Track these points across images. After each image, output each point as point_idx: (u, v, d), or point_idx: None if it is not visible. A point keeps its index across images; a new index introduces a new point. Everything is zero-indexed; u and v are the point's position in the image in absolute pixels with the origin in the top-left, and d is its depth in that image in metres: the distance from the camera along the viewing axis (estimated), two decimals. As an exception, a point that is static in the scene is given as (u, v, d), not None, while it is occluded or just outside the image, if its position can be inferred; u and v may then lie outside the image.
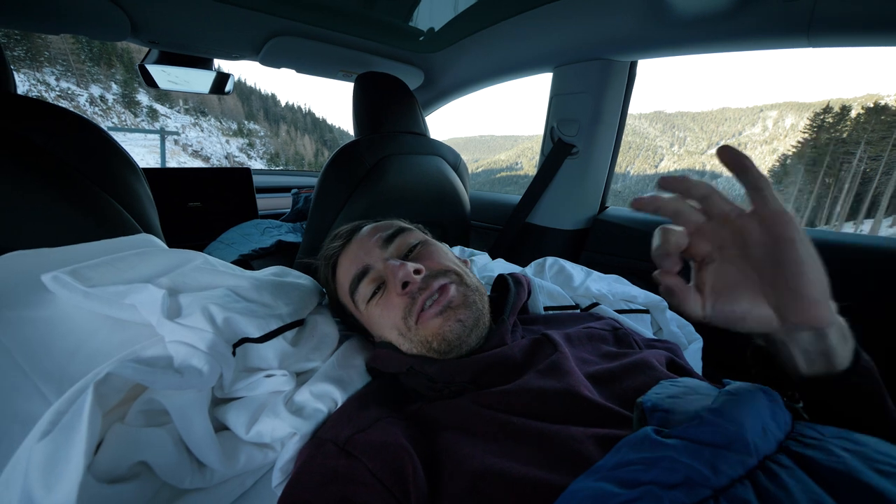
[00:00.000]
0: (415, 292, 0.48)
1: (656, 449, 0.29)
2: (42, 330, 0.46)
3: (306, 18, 1.16)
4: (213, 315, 0.43)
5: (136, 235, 0.64)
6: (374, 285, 0.52)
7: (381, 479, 0.35)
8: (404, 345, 0.50)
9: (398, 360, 0.49)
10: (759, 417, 0.30)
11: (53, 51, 40.49)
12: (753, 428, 0.29)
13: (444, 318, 0.47)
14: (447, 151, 1.22)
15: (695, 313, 0.34)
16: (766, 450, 0.29)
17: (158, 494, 0.39)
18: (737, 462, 0.27)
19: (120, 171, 0.70)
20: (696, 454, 0.28)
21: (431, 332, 0.47)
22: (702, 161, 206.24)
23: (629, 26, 0.97)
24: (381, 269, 0.52)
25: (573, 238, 1.31)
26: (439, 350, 0.48)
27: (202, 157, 52.80)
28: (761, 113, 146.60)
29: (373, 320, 0.52)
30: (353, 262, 0.54)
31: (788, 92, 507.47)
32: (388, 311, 0.50)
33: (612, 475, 0.28)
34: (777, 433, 0.30)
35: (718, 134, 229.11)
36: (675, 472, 0.27)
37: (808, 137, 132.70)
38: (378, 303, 0.51)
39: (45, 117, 0.62)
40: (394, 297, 0.49)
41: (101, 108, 41.55)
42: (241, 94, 76.08)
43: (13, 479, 0.33)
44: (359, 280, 0.53)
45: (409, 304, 0.48)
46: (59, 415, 0.34)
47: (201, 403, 0.40)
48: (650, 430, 0.31)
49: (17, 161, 0.57)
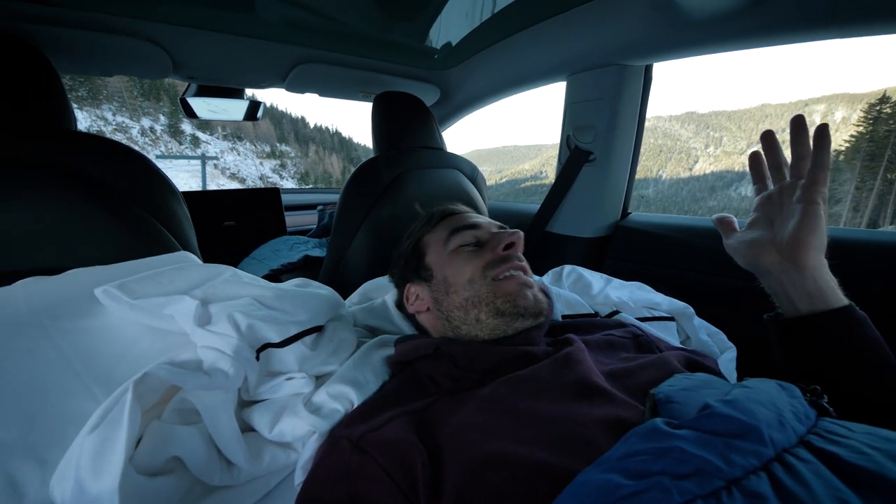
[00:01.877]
0: (511, 256, 0.55)
1: (666, 439, 0.28)
2: (94, 338, 0.51)
3: (327, 46, 1.23)
4: (237, 322, 0.47)
5: (176, 253, 0.70)
6: (473, 240, 0.58)
7: (391, 474, 0.36)
8: (463, 293, 0.55)
9: (425, 343, 0.52)
10: (774, 408, 0.30)
11: (110, 89, 44.40)
12: (768, 419, 0.28)
13: (520, 287, 0.53)
14: (464, 164, 1.24)
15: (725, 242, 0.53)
16: (784, 443, 0.28)
17: (192, 490, 0.43)
18: (751, 453, 0.27)
19: (162, 196, 0.77)
20: (707, 445, 0.27)
21: (505, 290, 0.52)
22: (741, 161, 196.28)
23: (642, 30, 0.97)
24: (487, 235, 0.58)
25: (595, 245, 1.29)
26: (498, 308, 0.52)
27: (238, 178, 55.68)
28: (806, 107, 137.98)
29: (452, 262, 0.57)
30: (468, 220, 0.61)
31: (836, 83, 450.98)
32: (473, 258, 0.56)
33: (619, 465, 0.28)
34: (797, 426, 0.29)
35: (758, 132, 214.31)
36: (686, 462, 0.26)
37: (864, 131, 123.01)
38: (468, 253, 0.57)
39: (100, 150, 0.70)
40: (487, 252, 0.55)
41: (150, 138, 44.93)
42: (273, 118, 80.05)
43: (68, 469, 0.37)
44: (465, 229, 0.59)
45: (497, 261, 0.54)
46: (106, 411, 0.38)
47: (228, 404, 0.43)
48: (660, 421, 0.30)
49: (77, 190, 0.64)
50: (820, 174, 0.44)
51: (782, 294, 0.47)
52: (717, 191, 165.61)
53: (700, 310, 0.81)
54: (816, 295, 0.44)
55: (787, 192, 0.48)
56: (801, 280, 0.45)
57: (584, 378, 0.43)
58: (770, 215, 0.49)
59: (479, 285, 0.53)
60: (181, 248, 0.78)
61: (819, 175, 0.44)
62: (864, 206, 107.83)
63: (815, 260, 0.44)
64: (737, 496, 0.24)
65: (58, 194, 0.63)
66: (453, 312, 0.55)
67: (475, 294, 0.53)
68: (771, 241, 0.47)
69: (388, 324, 0.70)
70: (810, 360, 0.45)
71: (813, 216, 0.43)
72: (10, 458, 0.39)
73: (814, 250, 0.44)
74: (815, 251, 0.44)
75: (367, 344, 0.60)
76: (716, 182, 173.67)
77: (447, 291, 0.56)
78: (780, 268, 0.46)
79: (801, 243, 0.44)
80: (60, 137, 0.67)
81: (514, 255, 0.56)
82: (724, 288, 1.00)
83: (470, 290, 0.54)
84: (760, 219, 0.50)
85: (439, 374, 0.50)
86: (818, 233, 0.44)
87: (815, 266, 0.44)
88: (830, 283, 0.45)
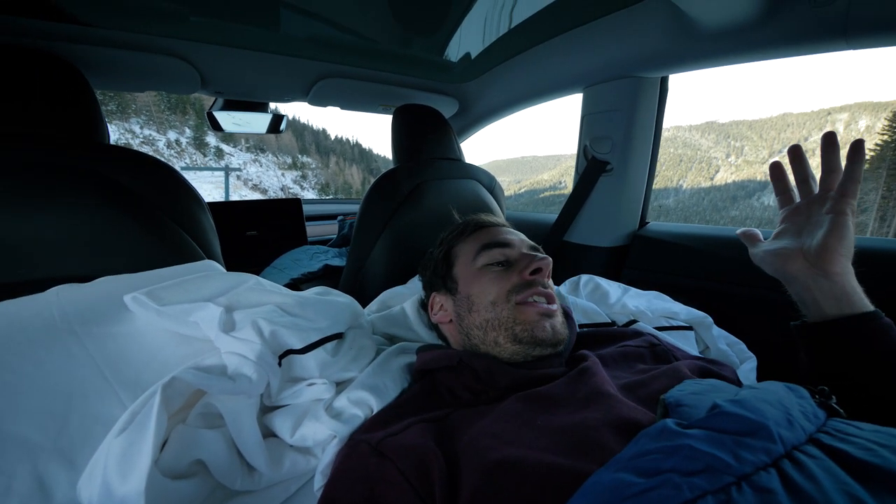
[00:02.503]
0: (537, 282, 0.54)
1: (676, 438, 0.28)
2: (122, 343, 0.53)
3: (349, 61, 1.26)
4: (261, 328, 0.48)
5: (201, 261, 0.72)
6: (500, 258, 0.58)
7: (409, 478, 0.37)
8: (484, 314, 0.54)
9: (449, 354, 0.52)
10: (781, 408, 0.30)
11: (139, 104, 46.54)
12: (776, 417, 0.29)
13: (542, 317, 0.52)
14: (482, 174, 1.25)
15: (751, 252, 0.54)
16: (793, 441, 0.28)
17: (213, 494, 0.43)
18: (760, 449, 0.27)
19: (189, 206, 0.79)
20: (717, 442, 0.27)
21: (525, 318, 0.52)
22: (763, 170, 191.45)
23: (658, 43, 0.97)
24: (517, 255, 0.58)
25: (612, 255, 1.28)
26: (515, 335, 0.52)
27: (261, 189, 57.18)
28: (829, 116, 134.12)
29: (478, 281, 0.57)
30: (500, 234, 0.61)
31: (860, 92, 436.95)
32: (499, 280, 0.55)
33: (630, 465, 0.28)
34: (806, 425, 0.30)
35: (780, 141, 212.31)
36: (696, 459, 0.26)
37: (889, 139, 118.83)
38: (496, 272, 0.56)
39: (130, 161, 0.73)
40: (514, 275, 0.55)
41: (176, 151, 46.72)
42: (295, 130, 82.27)
43: (95, 471, 0.38)
44: (496, 246, 0.59)
45: (523, 286, 0.54)
46: (133, 415, 0.39)
47: (251, 409, 0.44)
48: (670, 421, 0.31)
49: (108, 200, 0.67)
50: (851, 186, 0.46)
51: (809, 300, 0.48)
52: (739, 200, 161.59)
53: (719, 319, 0.80)
54: (844, 299, 0.45)
55: (815, 203, 0.49)
56: (828, 285, 0.46)
57: (597, 389, 0.43)
58: (798, 225, 0.51)
59: (502, 308, 0.53)
60: (206, 257, 0.80)
61: (851, 187, 0.46)
62: (890, 216, 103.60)
63: (843, 266, 0.45)
64: (746, 491, 0.25)
65: (90, 204, 0.66)
66: (473, 331, 0.55)
67: (496, 316, 0.53)
68: (799, 249, 0.48)
69: (406, 331, 0.71)
70: (839, 364, 0.45)
71: (842, 226, 0.45)
72: (40, 459, 0.41)
73: (842, 257, 0.45)
74: (843, 258, 0.45)
75: (387, 351, 0.60)
76: (737, 192, 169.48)
77: (469, 309, 0.56)
78: (808, 273, 0.47)
79: (830, 250, 0.45)
80: (94, 149, 0.70)
81: (540, 281, 0.55)
82: (743, 297, 0.97)
83: (492, 312, 0.54)
84: (788, 229, 0.52)
85: (459, 387, 0.50)
86: (846, 241, 0.45)
87: (843, 272, 0.45)
88: (857, 288, 0.46)
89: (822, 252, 0.45)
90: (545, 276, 0.56)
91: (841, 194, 0.46)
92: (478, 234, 0.63)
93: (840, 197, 0.46)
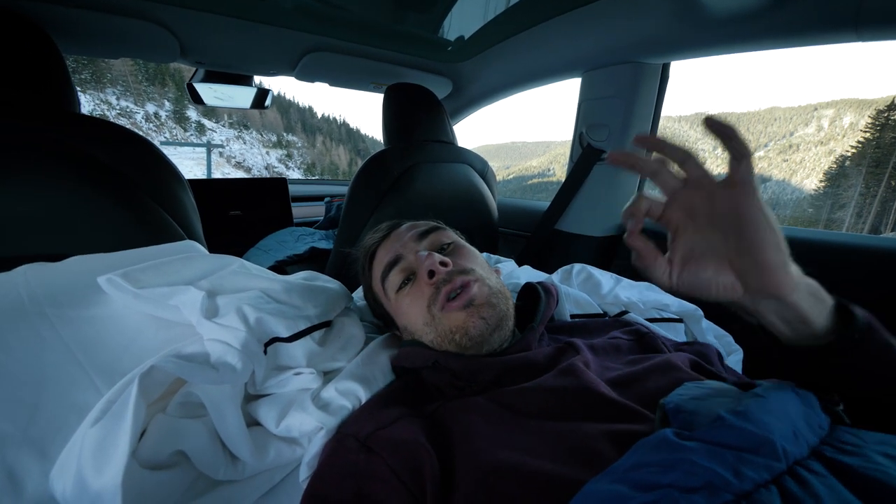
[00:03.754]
0: (439, 282, 0.50)
1: (675, 451, 0.28)
2: (98, 328, 0.50)
3: (339, 34, 1.21)
4: (246, 315, 0.46)
5: (181, 242, 0.68)
6: (403, 275, 0.54)
7: (399, 475, 0.36)
8: (429, 334, 0.51)
9: (424, 354, 0.50)
10: (788, 420, 0.29)
11: (115, 73, 44.31)
12: (782, 431, 0.28)
13: (468, 314, 0.48)
14: (474, 159, 1.23)
15: (662, 281, 0.37)
16: (796, 455, 0.27)
17: (195, 484, 0.42)
18: (762, 466, 0.26)
19: (168, 183, 0.75)
20: (717, 457, 0.26)
21: (455, 324, 0.49)
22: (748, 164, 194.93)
23: (661, 28, 0.95)
24: (412, 261, 0.54)
25: (604, 245, 1.28)
26: (461, 344, 0.49)
27: (244, 167, 55.73)
28: (815, 112, 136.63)
29: (401, 310, 0.55)
30: (388, 252, 0.57)
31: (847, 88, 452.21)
32: (415, 300, 0.52)
33: (627, 477, 0.27)
34: (810, 437, 0.29)
35: (767, 135, 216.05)
36: (695, 475, 0.26)
37: (871, 137, 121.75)
38: (408, 293, 0.53)
39: (106, 135, 0.68)
40: (422, 286, 0.51)
41: (155, 124, 44.93)
42: (281, 107, 79.89)
43: (69, 462, 0.36)
44: (390, 268, 0.56)
45: (434, 294, 0.50)
46: (109, 403, 0.37)
47: (235, 398, 0.42)
48: (669, 431, 0.30)
49: (81, 174, 0.63)
50: (741, 148, 0.32)
51: (777, 322, 0.36)
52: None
53: (708, 312, 0.80)
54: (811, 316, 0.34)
55: (702, 188, 0.35)
56: (782, 308, 0.34)
57: (590, 388, 0.42)
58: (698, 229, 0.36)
59: (433, 325, 0.50)
60: (186, 237, 0.76)
61: (742, 149, 0.32)
62: (866, 212, 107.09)
63: (789, 280, 0.32)
64: None
65: (61, 178, 0.61)
66: (435, 340, 0.52)
67: (436, 332, 0.50)
68: (728, 269, 0.34)
69: (395, 319, 0.69)
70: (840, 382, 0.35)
71: (752, 220, 0.32)
72: (10, 449, 0.38)
73: (781, 269, 0.32)
74: (783, 268, 0.32)
75: (376, 341, 0.58)
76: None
77: (413, 334, 0.54)
78: (757, 299, 0.34)
79: (764, 268, 0.32)
80: (65, 120, 0.66)
81: (443, 280, 0.50)
82: None
83: (431, 331, 0.51)
84: (688, 240, 0.36)
85: (442, 384, 0.49)
86: (773, 240, 0.32)
87: (793, 287, 0.33)
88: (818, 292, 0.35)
89: (761, 277, 0.32)
90: (443, 273, 0.50)
91: (739, 155, 0.32)
92: (373, 263, 0.61)
93: (738, 184, 0.32)
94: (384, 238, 0.61)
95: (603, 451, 0.34)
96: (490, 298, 0.50)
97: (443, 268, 0.50)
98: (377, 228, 0.65)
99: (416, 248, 0.56)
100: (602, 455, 0.34)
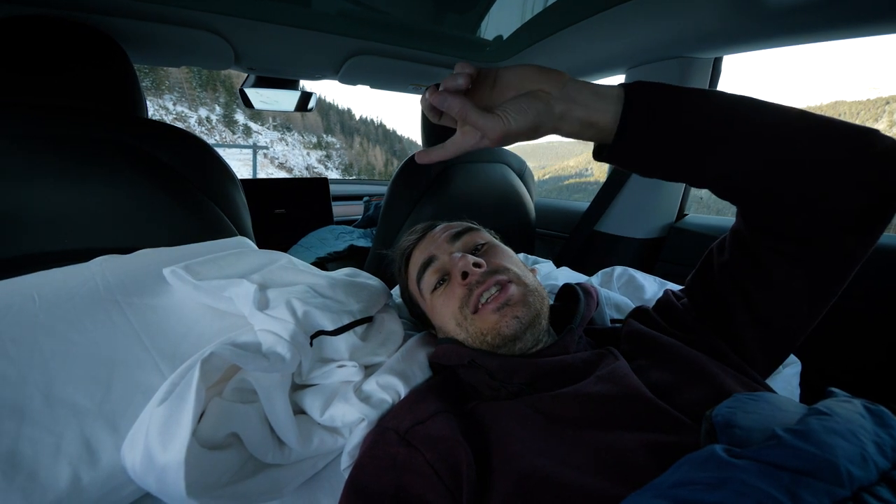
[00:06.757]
0: (472, 284, 0.50)
1: (724, 469, 0.26)
2: (161, 315, 0.54)
3: (381, 38, 1.24)
4: (294, 308, 0.48)
5: (234, 237, 0.73)
6: (437, 276, 0.55)
7: (438, 470, 0.36)
8: (461, 334, 0.52)
9: (460, 352, 0.51)
10: (856, 441, 0.26)
11: (172, 80, 47.64)
12: (849, 453, 0.25)
13: (501, 315, 0.48)
14: (512, 159, 1.22)
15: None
16: (863, 480, 0.25)
17: (245, 465, 0.44)
18: (823, 492, 0.24)
19: (222, 182, 0.80)
20: (772, 478, 0.24)
21: (488, 325, 0.49)
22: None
23: (714, 20, 0.90)
24: (446, 261, 0.55)
25: (646, 247, 1.23)
26: (493, 344, 0.49)
27: (286, 168, 58.14)
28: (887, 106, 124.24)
29: (435, 310, 0.55)
30: (423, 253, 0.59)
31: None
32: (448, 301, 0.53)
33: (670, 493, 0.26)
34: (880, 460, 0.26)
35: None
36: (745, 496, 0.24)
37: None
38: (441, 293, 0.54)
39: (169, 137, 0.74)
40: (455, 287, 0.52)
41: (206, 128, 47.87)
42: (321, 110, 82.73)
43: (137, 438, 0.39)
44: (424, 269, 0.57)
45: (466, 295, 0.50)
46: (173, 385, 0.40)
47: (283, 386, 0.45)
48: (719, 448, 0.28)
49: (147, 174, 0.68)
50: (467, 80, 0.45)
51: (579, 132, 0.42)
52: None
53: None
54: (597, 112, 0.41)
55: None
56: (565, 122, 0.42)
57: (633, 396, 0.40)
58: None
59: (465, 326, 0.51)
60: (238, 233, 0.81)
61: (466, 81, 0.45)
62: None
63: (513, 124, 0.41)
64: None
65: (129, 177, 0.67)
66: (468, 340, 0.53)
67: (468, 333, 0.51)
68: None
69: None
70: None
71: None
72: (87, 422, 0.42)
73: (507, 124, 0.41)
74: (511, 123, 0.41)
75: (414, 338, 0.60)
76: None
77: (447, 333, 0.55)
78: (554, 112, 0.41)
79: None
80: (134, 124, 0.71)
81: (475, 282, 0.50)
82: None
83: (462, 331, 0.51)
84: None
85: (478, 382, 0.49)
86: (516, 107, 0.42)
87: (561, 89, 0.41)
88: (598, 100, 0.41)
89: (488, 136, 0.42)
90: (477, 275, 0.50)
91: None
92: (409, 263, 0.62)
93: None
94: (419, 240, 0.62)
95: (640, 463, 0.34)
96: (526, 297, 0.49)
97: (476, 269, 0.50)
98: (413, 230, 0.66)
99: (451, 249, 0.56)
100: (640, 468, 0.33)
